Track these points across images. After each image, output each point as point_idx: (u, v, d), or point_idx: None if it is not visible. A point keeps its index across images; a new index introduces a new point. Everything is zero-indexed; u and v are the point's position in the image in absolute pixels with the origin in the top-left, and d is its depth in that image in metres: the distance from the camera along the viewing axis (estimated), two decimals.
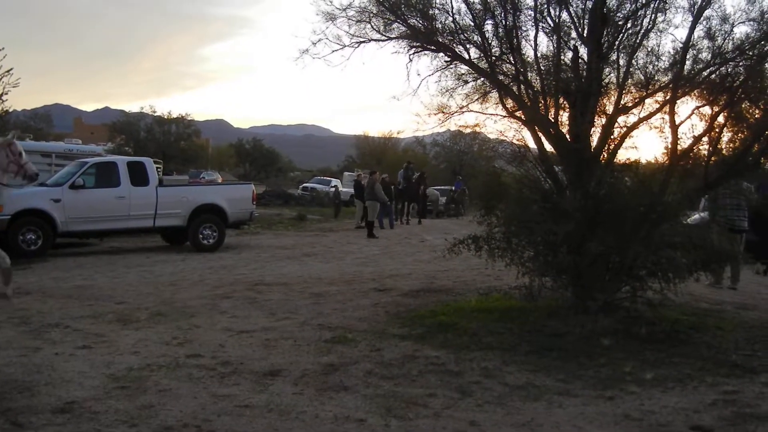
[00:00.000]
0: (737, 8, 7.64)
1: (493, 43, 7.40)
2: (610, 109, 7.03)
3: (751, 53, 6.76)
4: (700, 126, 6.85)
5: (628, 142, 6.99)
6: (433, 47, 7.56)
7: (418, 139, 42.19)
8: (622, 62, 7.11)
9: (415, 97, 8.00)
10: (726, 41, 6.86)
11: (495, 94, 7.68)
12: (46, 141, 25.56)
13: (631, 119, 7.04)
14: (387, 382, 4.63)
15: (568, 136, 6.91)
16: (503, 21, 7.21)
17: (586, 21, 7.00)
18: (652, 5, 6.92)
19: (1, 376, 4.64)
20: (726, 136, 7.00)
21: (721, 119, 6.90)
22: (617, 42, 7.05)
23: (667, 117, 6.83)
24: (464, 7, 7.37)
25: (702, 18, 6.79)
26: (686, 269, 5.79)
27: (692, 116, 6.87)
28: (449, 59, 7.65)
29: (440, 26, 7.45)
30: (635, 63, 7.15)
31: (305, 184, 39.77)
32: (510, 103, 7.48)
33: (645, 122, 7.00)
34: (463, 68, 7.72)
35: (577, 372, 4.90)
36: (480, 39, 7.33)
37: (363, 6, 7.63)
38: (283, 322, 6.57)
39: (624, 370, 4.90)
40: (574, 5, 7.11)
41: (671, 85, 6.89)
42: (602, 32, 6.84)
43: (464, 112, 8.05)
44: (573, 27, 7.16)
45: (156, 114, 50.61)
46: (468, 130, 10.32)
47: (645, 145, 8.36)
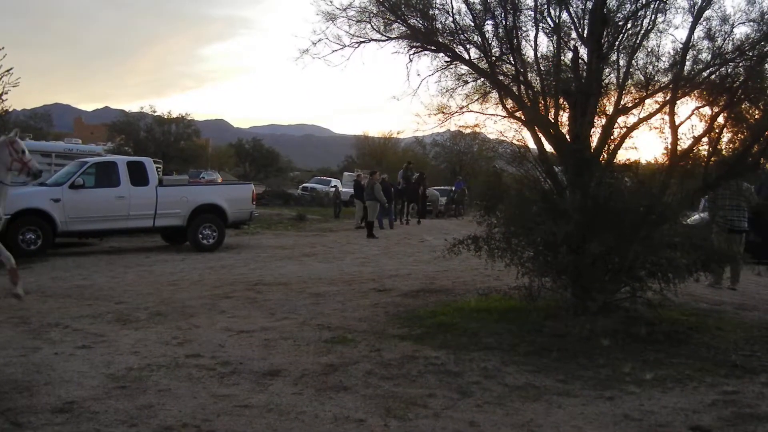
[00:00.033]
0: (737, 9, 7.66)
1: (493, 44, 7.40)
2: (610, 110, 7.03)
3: (751, 54, 6.77)
4: (700, 126, 6.85)
5: (628, 143, 6.99)
6: (433, 47, 7.56)
7: (418, 140, 42.23)
8: (622, 63, 7.11)
9: (415, 98, 8.03)
10: (726, 42, 6.87)
11: (495, 95, 7.69)
12: (46, 141, 25.62)
13: (631, 120, 7.05)
14: (386, 383, 4.63)
15: (568, 137, 6.90)
16: (503, 21, 7.21)
17: (586, 21, 6.99)
18: (652, 6, 6.93)
19: (1, 376, 4.65)
20: (726, 137, 6.99)
21: (721, 120, 6.89)
22: (617, 42, 7.05)
23: (667, 117, 6.84)
24: (464, 8, 7.38)
25: (702, 19, 6.80)
26: (686, 270, 5.78)
27: (692, 117, 6.88)
28: (449, 59, 7.66)
29: (440, 26, 7.46)
30: (635, 63, 7.15)
31: (305, 184, 39.77)
32: (510, 104, 7.48)
33: (645, 123, 7.00)
34: (463, 68, 7.73)
35: (577, 372, 4.90)
36: (480, 39, 7.34)
37: (363, 6, 7.65)
38: (283, 322, 6.57)
39: (623, 371, 4.90)
40: (574, 6, 7.11)
41: (671, 86, 6.89)
42: (602, 33, 6.83)
43: (464, 113, 8.08)
44: (573, 27, 7.16)
45: (156, 114, 50.57)
46: (468, 131, 10.32)
47: (645, 146, 8.38)
